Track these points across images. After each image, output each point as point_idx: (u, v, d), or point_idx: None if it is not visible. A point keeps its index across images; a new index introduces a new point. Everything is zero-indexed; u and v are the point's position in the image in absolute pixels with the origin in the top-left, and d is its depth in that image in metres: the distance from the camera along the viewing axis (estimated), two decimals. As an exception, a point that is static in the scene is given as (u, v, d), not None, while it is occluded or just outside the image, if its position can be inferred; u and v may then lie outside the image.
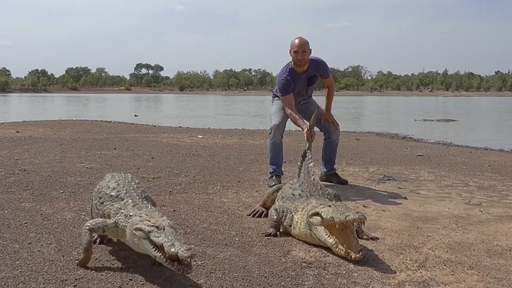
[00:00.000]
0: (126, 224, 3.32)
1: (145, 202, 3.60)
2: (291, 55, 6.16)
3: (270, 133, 6.32)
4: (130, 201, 3.53)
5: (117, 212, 3.47)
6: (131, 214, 3.35)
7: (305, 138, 5.82)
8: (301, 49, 6.03)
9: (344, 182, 6.57)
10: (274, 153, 6.31)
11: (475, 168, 8.22)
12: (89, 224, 3.42)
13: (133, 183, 3.84)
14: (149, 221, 3.15)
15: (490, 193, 6.17)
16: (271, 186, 5.36)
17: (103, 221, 3.45)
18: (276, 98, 6.54)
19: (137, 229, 3.17)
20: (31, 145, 10.08)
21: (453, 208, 5.28)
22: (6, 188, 5.70)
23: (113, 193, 3.64)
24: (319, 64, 6.32)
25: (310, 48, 6.13)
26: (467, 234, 4.33)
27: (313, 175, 5.27)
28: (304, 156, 5.62)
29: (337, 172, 6.72)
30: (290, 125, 6.47)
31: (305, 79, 6.31)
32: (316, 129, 6.24)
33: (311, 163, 5.43)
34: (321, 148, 6.71)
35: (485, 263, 3.62)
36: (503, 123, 26.58)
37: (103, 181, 3.87)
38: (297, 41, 6.06)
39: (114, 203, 3.56)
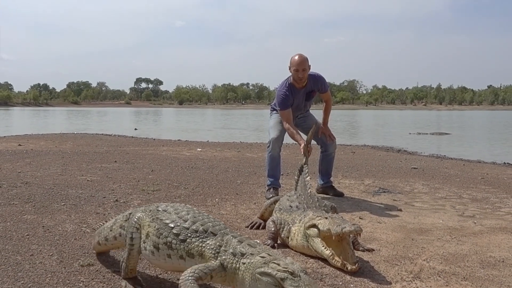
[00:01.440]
0: (237, 266, 2.75)
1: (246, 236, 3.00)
2: (290, 72, 6.16)
3: (268, 146, 6.33)
4: (232, 236, 2.93)
5: (216, 250, 2.85)
6: (243, 252, 2.77)
7: (302, 153, 5.84)
8: (301, 67, 6.03)
9: (340, 195, 6.58)
10: (272, 165, 6.31)
11: (469, 181, 8.24)
12: (191, 273, 2.74)
13: (205, 214, 3.17)
14: (278, 264, 2.61)
15: (483, 205, 6.18)
16: (269, 199, 5.36)
17: (208, 266, 2.79)
18: (275, 112, 6.56)
19: (263, 273, 2.60)
20: (33, 158, 10.07)
21: (447, 220, 5.29)
22: (8, 200, 5.69)
23: (198, 227, 2.96)
24: (317, 79, 6.34)
25: (310, 64, 6.14)
26: (461, 245, 4.34)
27: (310, 188, 5.28)
28: (301, 170, 5.63)
29: (333, 185, 6.74)
30: (287, 138, 6.48)
31: (303, 94, 6.34)
32: (313, 142, 6.26)
33: (308, 177, 5.44)
34: (317, 161, 6.73)
35: (479, 274, 3.62)
36: (496, 136, 26.64)
37: (166, 214, 3.11)
38: (297, 58, 6.06)
39: (205, 240, 2.91)
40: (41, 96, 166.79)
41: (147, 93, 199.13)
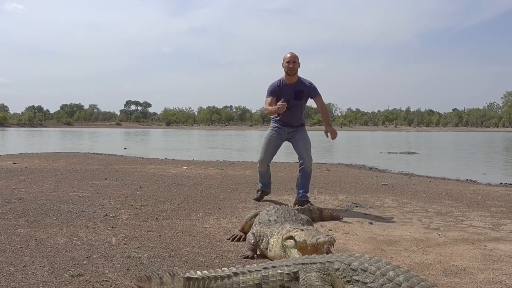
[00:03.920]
0: None
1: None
2: (283, 66, 6.73)
3: (257, 165, 7.27)
4: None
5: None
6: None
7: (277, 109, 6.54)
8: (292, 59, 6.68)
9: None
10: (262, 175, 7.26)
11: (434, 196, 8.33)
12: None
13: (408, 270, 2.51)
14: None
15: (447, 218, 6.26)
16: (255, 199, 6.14)
17: None
18: (270, 127, 7.20)
19: None
20: (27, 176, 9.95)
21: (414, 232, 5.35)
22: (2, 215, 5.62)
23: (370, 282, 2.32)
24: (307, 83, 6.85)
25: (300, 62, 6.75)
26: (426, 255, 4.39)
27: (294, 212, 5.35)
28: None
29: (309, 200, 6.78)
30: (278, 158, 6.77)
31: (293, 90, 6.77)
32: (296, 158, 6.64)
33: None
34: (296, 177, 6.83)
35: (442, 282, 3.66)
36: (459, 155, 26.99)
37: (369, 275, 2.44)
38: (288, 54, 6.73)
39: None
40: (36, 117, 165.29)
41: (137, 115, 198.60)
